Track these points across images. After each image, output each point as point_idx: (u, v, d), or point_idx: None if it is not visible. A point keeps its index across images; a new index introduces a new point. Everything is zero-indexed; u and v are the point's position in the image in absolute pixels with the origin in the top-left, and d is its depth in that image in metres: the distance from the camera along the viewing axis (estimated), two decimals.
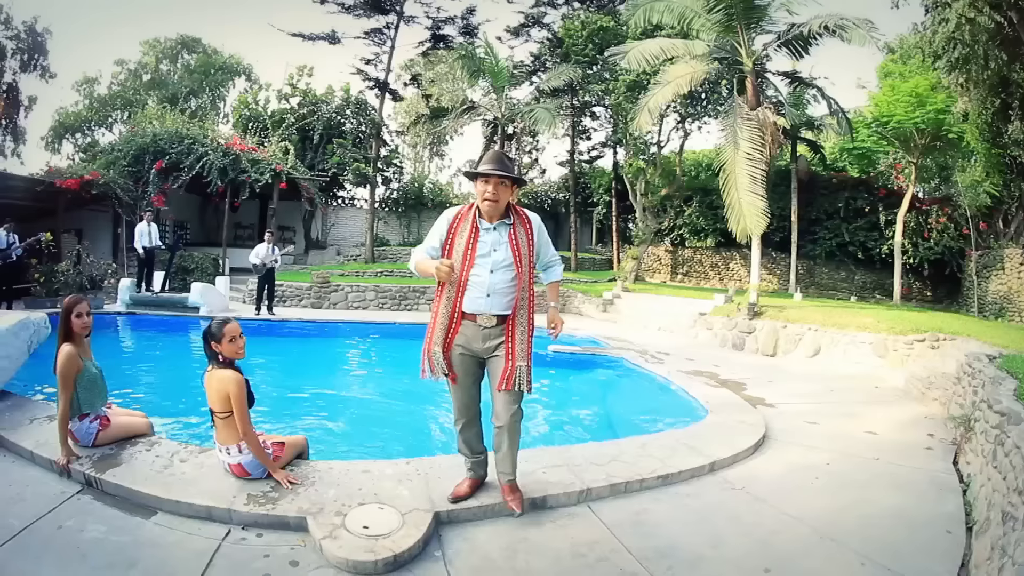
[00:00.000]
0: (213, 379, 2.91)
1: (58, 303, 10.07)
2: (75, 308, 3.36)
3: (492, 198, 2.73)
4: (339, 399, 6.63)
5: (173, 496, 2.87)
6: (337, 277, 14.33)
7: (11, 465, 3.35)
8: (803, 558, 2.64)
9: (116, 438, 3.45)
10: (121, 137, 15.89)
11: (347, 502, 2.81)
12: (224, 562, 2.44)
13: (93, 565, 2.37)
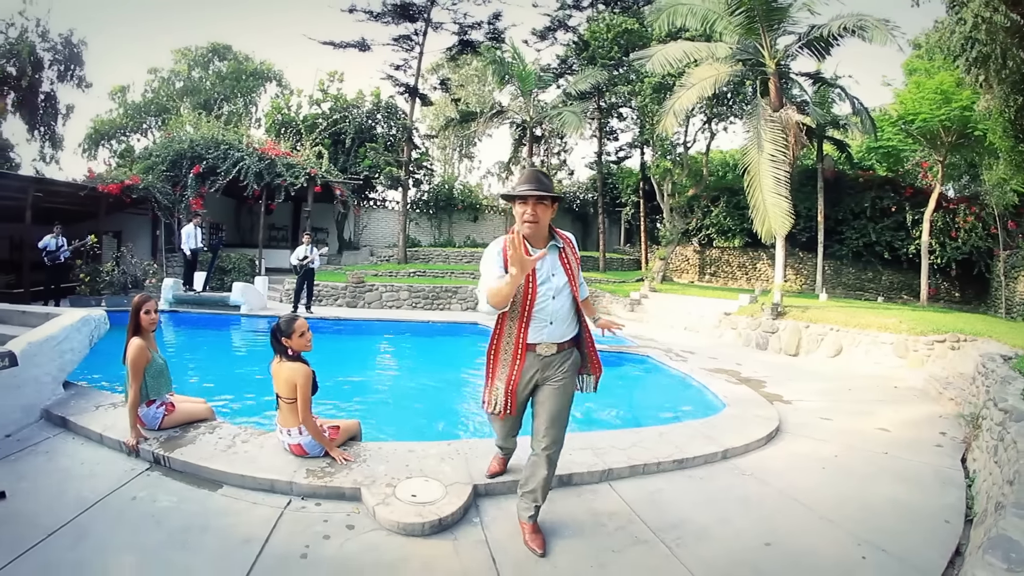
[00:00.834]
0: (283, 369, 3.33)
1: (102, 301, 10.86)
2: (144, 305, 3.81)
3: (532, 219, 2.58)
4: (381, 389, 7.19)
5: (238, 471, 3.28)
6: (371, 277, 14.83)
7: (81, 446, 3.81)
8: (801, 536, 2.90)
9: (180, 422, 3.88)
10: (158, 143, 16.46)
11: (396, 476, 3.21)
12: (288, 526, 2.84)
13: (168, 530, 2.77)
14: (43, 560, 2.46)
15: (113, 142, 28.90)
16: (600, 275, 19.10)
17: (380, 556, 2.60)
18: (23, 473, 3.34)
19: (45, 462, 3.53)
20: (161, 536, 2.72)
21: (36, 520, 2.78)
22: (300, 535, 2.77)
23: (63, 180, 14.12)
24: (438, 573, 2.45)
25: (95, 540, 2.65)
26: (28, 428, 4.08)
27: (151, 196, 14.39)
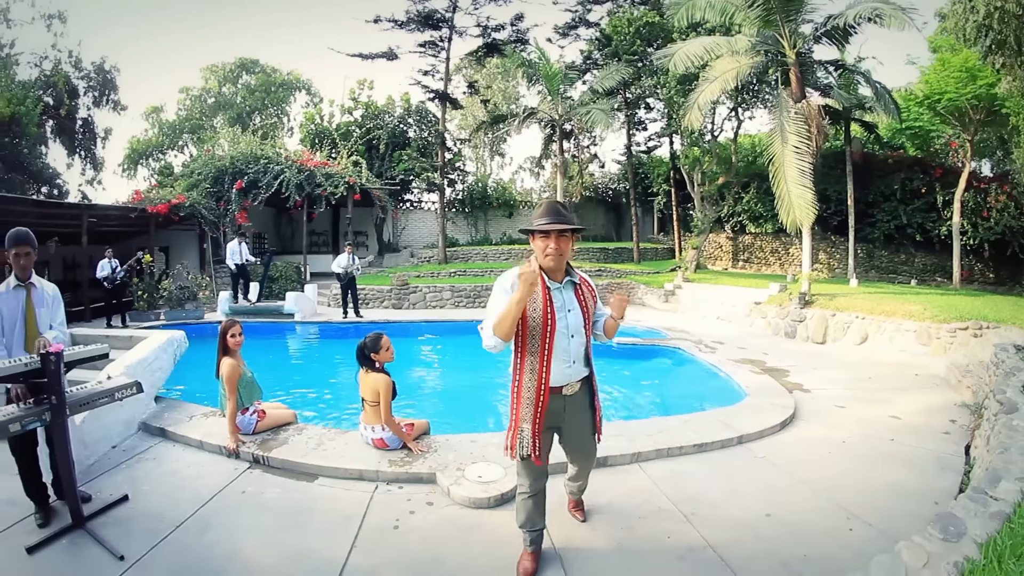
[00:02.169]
0: (368, 379, 4.08)
1: (161, 315, 11.81)
2: (230, 330, 4.56)
3: (556, 252, 2.53)
4: (436, 387, 8.03)
5: (331, 464, 4.03)
6: (414, 279, 15.64)
7: (183, 452, 4.49)
8: (799, 510, 3.44)
9: (270, 426, 4.62)
10: (200, 160, 17.42)
11: (463, 461, 3.94)
12: (379, 505, 3.58)
13: (280, 514, 3.49)
14: (179, 546, 3.15)
15: (151, 160, 30.40)
16: (635, 266, 19.49)
17: (456, 524, 3.33)
18: (137, 478, 4.03)
19: (154, 467, 4.25)
20: (275, 519, 3.43)
21: (162, 516, 3.45)
22: (390, 511, 3.50)
23: (115, 204, 15.09)
24: (501, 535, 3.13)
25: (219, 527, 3.33)
26: (130, 439, 4.77)
27: (197, 212, 15.29)
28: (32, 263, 3.48)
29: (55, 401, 3.06)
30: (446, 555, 3.02)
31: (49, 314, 3.55)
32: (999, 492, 2.64)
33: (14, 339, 3.39)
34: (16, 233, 3.40)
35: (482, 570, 2.87)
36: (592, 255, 21.14)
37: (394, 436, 4.16)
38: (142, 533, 3.26)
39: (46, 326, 3.51)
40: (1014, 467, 2.87)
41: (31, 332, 3.43)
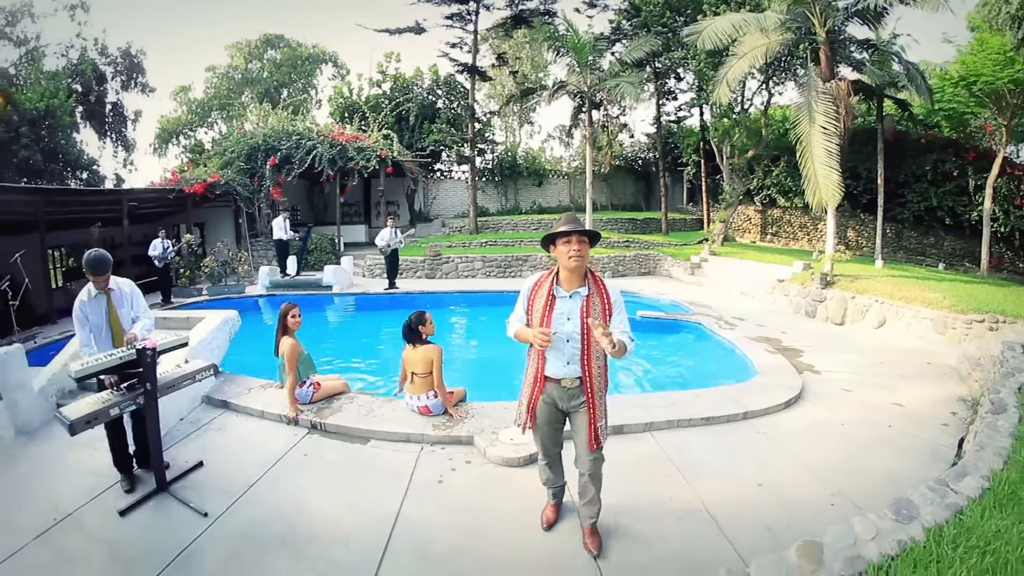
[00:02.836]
0: (418, 352, 4.65)
1: (203, 290, 12.31)
2: (290, 312, 5.11)
3: (578, 255, 2.76)
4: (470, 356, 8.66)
5: (382, 428, 4.66)
6: (446, 249, 16.12)
7: (245, 421, 5.06)
8: (789, 483, 3.85)
9: (325, 396, 5.23)
10: (233, 138, 17.82)
11: (497, 426, 4.53)
12: (424, 463, 4.20)
13: (339, 472, 4.11)
14: (253, 502, 3.74)
15: (180, 138, 31.01)
16: (663, 237, 19.60)
17: (491, 480, 3.94)
18: (208, 446, 4.56)
19: (221, 436, 4.80)
20: (336, 476, 4.06)
21: (235, 478, 4.04)
22: (434, 469, 4.12)
23: (153, 187, 15.48)
24: (529, 489, 3.69)
25: (287, 484, 3.95)
26: (195, 411, 5.26)
27: (232, 190, 15.79)
28: (108, 279, 3.98)
29: (149, 388, 3.67)
30: (483, 505, 3.63)
31: (131, 311, 4.10)
32: (961, 486, 2.94)
33: (103, 340, 3.96)
34: (95, 260, 3.90)
35: (512, 518, 3.46)
36: (621, 225, 21.28)
37: (437, 403, 4.76)
38: (219, 493, 3.84)
39: (128, 322, 4.05)
40: (983, 465, 3.16)
41: (116, 330, 4.00)
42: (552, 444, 3.18)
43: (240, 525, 3.50)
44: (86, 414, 3.35)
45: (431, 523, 3.44)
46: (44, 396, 5.30)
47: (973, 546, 2.38)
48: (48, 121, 18.31)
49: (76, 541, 3.42)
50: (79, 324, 3.94)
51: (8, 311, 8.40)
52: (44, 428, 5.09)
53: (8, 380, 4.93)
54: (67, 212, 12.26)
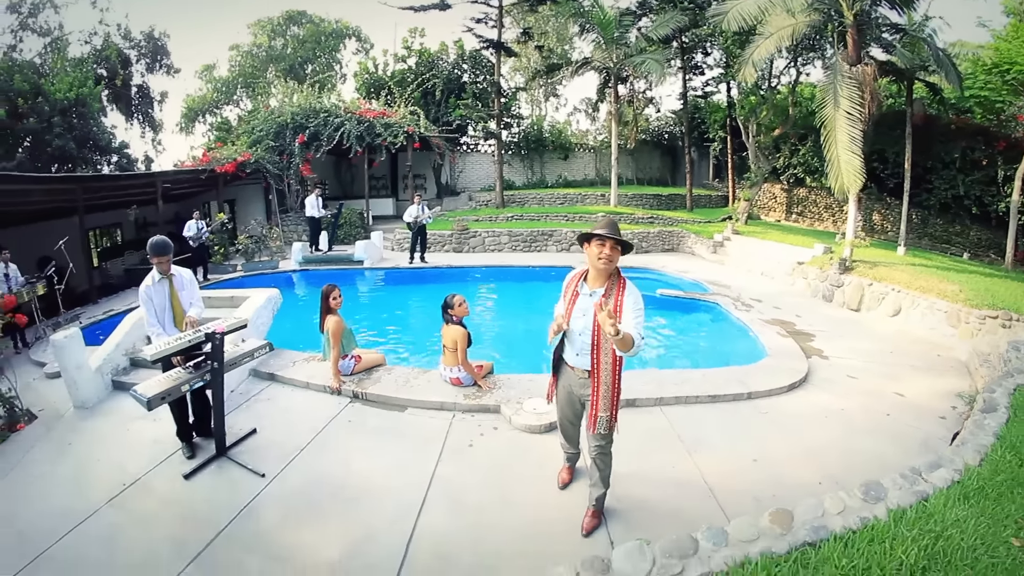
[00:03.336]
0: (449, 331, 5.13)
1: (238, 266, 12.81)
2: (331, 292, 5.57)
3: (607, 259, 2.97)
4: (497, 331, 9.10)
5: (418, 397, 5.17)
6: (473, 223, 16.46)
7: (292, 392, 5.60)
8: (783, 460, 4.21)
9: (365, 368, 5.76)
10: (261, 116, 18.23)
11: (522, 396, 5.02)
12: (456, 429, 4.71)
13: (380, 436, 4.65)
14: (306, 463, 4.29)
15: (207, 116, 31.54)
16: (687, 214, 19.61)
17: (516, 444, 4.45)
18: (258, 414, 5.07)
19: (270, 405, 5.37)
20: (377, 440, 4.61)
21: (286, 442, 4.59)
22: (465, 434, 4.64)
23: (186, 168, 15.93)
24: (548, 453, 4.17)
25: (334, 447, 4.50)
26: (243, 383, 5.73)
27: (262, 168, 16.29)
28: (170, 263, 4.50)
29: (216, 366, 4.20)
30: (508, 466, 4.15)
31: (188, 295, 4.64)
32: (932, 476, 3.21)
33: (166, 320, 4.51)
34: (159, 244, 4.41)
35: (532, 478, 3.97)
36: (646, 201, 21.32)
37: (468, 375, 5.27)
38: (273, 457, 4.39)
39: (187, 304, 4.61)
40: (958, 460, 3.40)
41: (178, 312, 4.55)
42: (568, 421, 3.56)
43: (295, 484, 4.05)
44: (161, 391, 3.86)
45: (462, 481, 3.97)
46: (100, 374, 5.86)
47: (929, 530, 2.67)
48: (79, 109, 18.94)
49: (147, 503, 3.95)
50: (145, 306, 4.47)
51: (54, 294, 9.11)
52: (100, 404, 5.68)
53: (68, 361, 5.47)
54: (104, 197, 12.93)
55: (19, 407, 5.41)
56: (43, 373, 6.65)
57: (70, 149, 18.26)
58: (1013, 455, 3.50)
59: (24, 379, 5.77)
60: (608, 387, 3.08)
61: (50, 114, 17.72)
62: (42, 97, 17.66)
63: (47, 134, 17.60)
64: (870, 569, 2.37)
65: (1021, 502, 3.02)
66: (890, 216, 15.62)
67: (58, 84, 18.39)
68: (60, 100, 17.99)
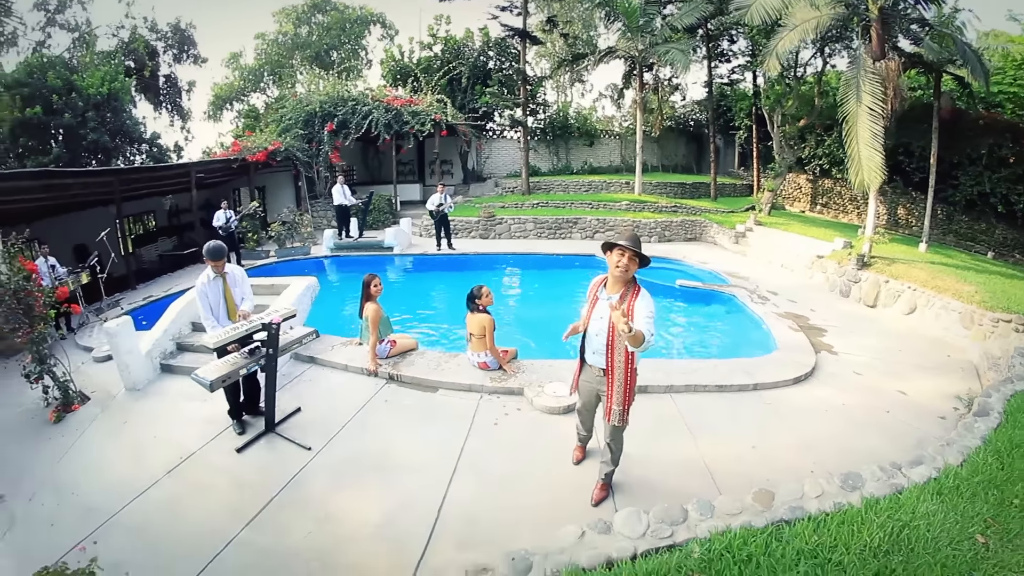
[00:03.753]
0: (476, 318, 5.59)
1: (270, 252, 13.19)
2: (372, 281, 6.05)
3: (623, 267, 3.23)
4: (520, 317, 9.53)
5: (449, 379, 5.67)
6: (499, 210, 16.78)
7: (331, 374, 6.14)
8: (780, 449, 4.55)
9: (399, 352, 6.26)
10: (289, 105, 18.38)
11: (543, 380, 5.49)
12: (483, 409, 5.20)
13: (415, 414, 5.16)
14: (348, 437, 4.81)
15: (234, 103, 32.08)
16: (711, 203, 19.57)
17: (536, 423, 4.94)
18: (301, 395, 5.60)
19: (312, 386, 5.90)
20: (412, 417, 5.13)
21: (329, 420, 5.11)
22: (491, 413, 5.14)
23: (218, 158, 16.37)
24: (564, 433, 4.61)
25: (374, 425, 5.02)
26: (285, 366, 6.05)
27: (292, 155, 16.78)
28: (224, 265, 5.00)
29: (271, 352, 4.73)
30: (528, 443, 4.64)
31: (240, 291, 5.16)
32: (911, 472, 3.48)
33: (221, 313, 5.04)
34: (215, 250, 4.93)
35: (550, 454, 4.45)
36: (670, 190, 21.31)
37: (494, 360, 5.74)
38: (318, 432, 4.91)
39: (239, 299, 5.13)
40: (940, 459, 3.65)
41: (231, 306, 5.08)
42: (586, 409, 4.02)
43: (338, 457, 4.58)
44: (221, 375, 4.39)
45: (488, 455, 4.48)
46: (150, 358, 6.44)
47: (898, 519, 2.97)
48: (112, 103, 19.64)
49: (203, 474, 4.48)
50: (201, 301, 5.01)
51: (97, 282, 9.80)
52: (150, 385, 6.25)
53: (120, 346, 6.03)
54: (139, 187, 13.57)
55: (73, 389, 5.92)
56: (91, 357, 7.20)
57: (104, 142, 19.01)
58: (995, 458, 3.69)
59: (73, 363, 6.25)
60: (621, 383, 3.42)
61: (84, 109, 18.43)
62: (75, 93, 18.36)
63: (82, 128, 18.32)
64: (836, 547, 2.75)
65: (994, 502, 3.24)
66: (915, 211, 15.47)
67: (90, 79, 19.07)
68: (93, 95, 18.70)
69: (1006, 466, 3.63)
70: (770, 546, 2.73)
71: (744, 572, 2.55)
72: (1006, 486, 3.41)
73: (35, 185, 9.92)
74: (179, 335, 7.08)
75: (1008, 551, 2.86)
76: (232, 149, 16.47)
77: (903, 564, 2.69)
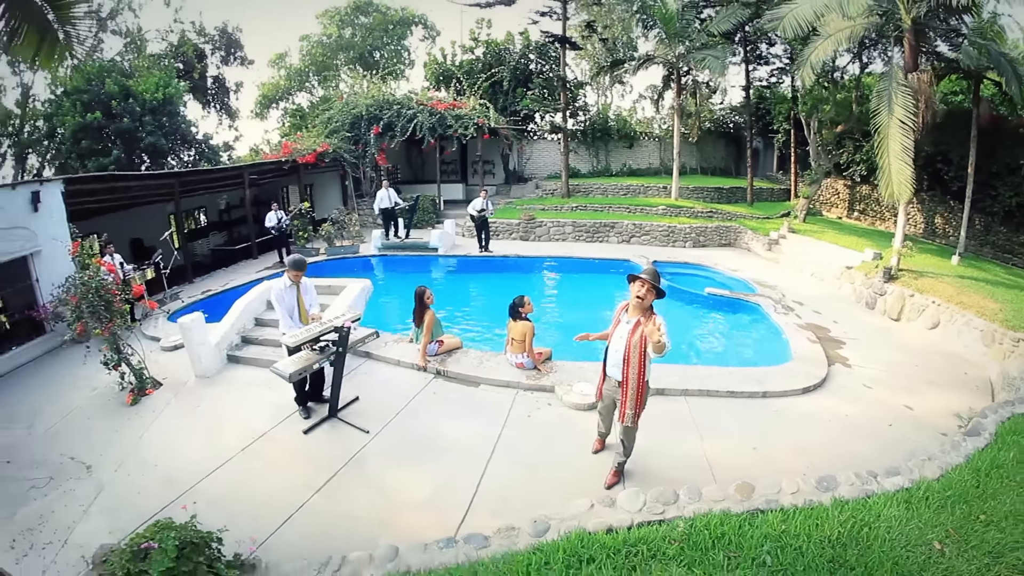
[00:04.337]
0: (518, 325, 6.34)
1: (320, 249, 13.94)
2: (425, 293, 6.80)
3: (641, 296, 3.91)
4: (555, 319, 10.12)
5: (490, 376, 6.43)
6: (539, 212, 17.37)
7: (385, 368, 7.01)
8: (778, 451, 5.08)
9: (446, 350, 7.04)
10: (336, 107, 19.30)
11: (572, 380, 6.20)
12: (519, 404, 5.95)
13: (459, 406, 5.93)
14: (401, 423, 5.63)
15: (280, 102, 33.36)
16: (747, 209, 19.47)
17: (564, 417, 5.67)
18: (359, 385, 6.48)
19: (368, 378, 6.73)
20: (457, 408, 5.91)
21: (385, 408, 5.92)
22: (525, 408, 5.88)
23: (269, 160, 17.10)
24: (588, 427, 5.28)
25: (423, 413, 5.82)
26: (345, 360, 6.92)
27: (340, 157, 17.76)
28: (302, 276, 5.81)
29: (341, 350, 5.55)
30: (557, 433, 5.38)
31: (310, 298, 6.02)
32: (886, 482, 3.86)
33: (295, 316, 5.89)
34: (298, 262, 5.79)
35: (574, 444, 5.17)
36: (707, 194, 21.20)
37: (530, 360, 6.49)
38: (374, 419, 5.72)
39: (309, 305, 5.99)
40: (916, 472, 3.99)
41: (302, 310, 5.94)
42: (604, 411, 4.74)
43: (393, 439, 5.41)
44: (297, 368, 5.25)
45: (521, 443, 5.23)
46: (219, 349, 7.35)
47: (861, 519, 3.39)
48: (167, 107, 21.13)
49: (274, 452, 5.32)
50: (279, 305, 5.89)
51: (160, 277, 10.91)
52: (218, 374, 7.14)
53: (193, 338, 6.95)
54: (198, 187, 14.73)
55: (147, 375, 6.80)
56: (159, 347, 8.07)
57: (161, 144, 20.53)
58: (972, 476, 3.93)
59: (141, 352, 7.01)
60: (634, 392, 4.10)
61: (140, 113, 19.91)
62: (132, 98, 19.80)
63: (140, 131, 19.83)
64: (799, 535, 3.30)
65: (960, 516, 3.48)
66: (952, 220, 15.22)
67: (145, 84, 20.54)
68: (149, 101, 20.16)
69: (981, 484, 3.87)
70: (742, 528, 3.34)
71: (717, 546, 3.19)
72: (975, 502, 3.66)
73: (101, 188, 11.05)
74: (244, 329, 8.03)
75: (962, 560, 3.14)
76: (282, 151, 17.51)
77: (857, 556, 3.15)
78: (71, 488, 4.96)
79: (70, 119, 19.28)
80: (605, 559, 3.12)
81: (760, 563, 3.05)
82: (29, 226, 8.64)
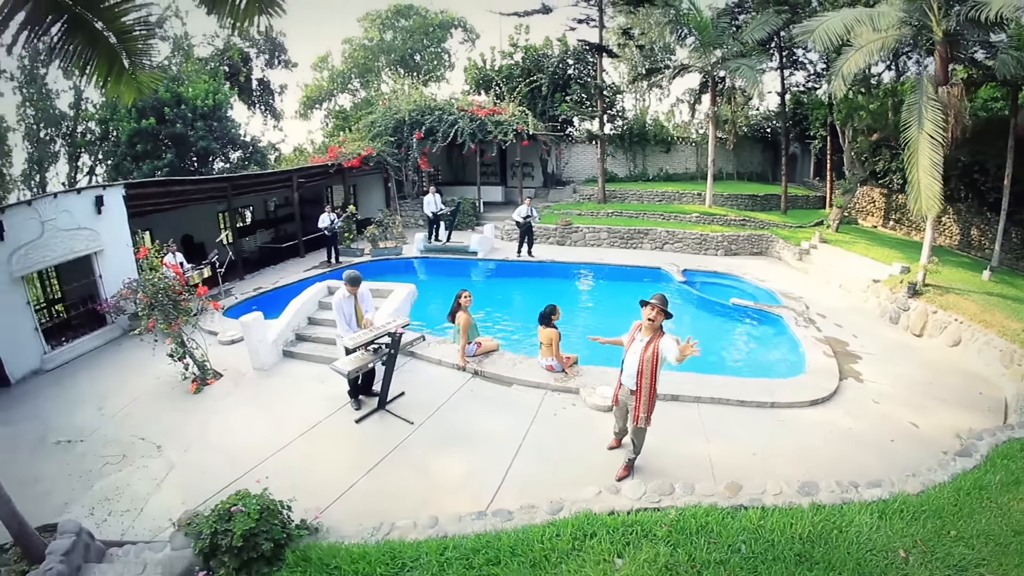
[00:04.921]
0: (546, 332, 7.02)
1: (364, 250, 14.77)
2: (462, 294, 7.48)
3: (651, 319, 4.58)
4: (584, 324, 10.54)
5: (522, 377, 7.13)
6: (576, 218, 17.85)
7: (428, 367, 7.75)
8: (777, 457, 5.52)
9: (483, 352, 7.75)
10: (379, 112, 19.98)
11: (596, 383, 6.84)
12: (546, 403, 6.64)
13: (493, 403, 6.67)
14: (441, 417, 6.35)
15: (323, 103, 34.53)
16: (780, 217, 19.43)
17: (586, 417, 6.34)
18: (404, 382, 7.19)
19: (412, 376, 7.46)
20: (491, 405, 6.63)
21: (428, 403, 6.66)
22: (552, 407, 6.57)
23: (316, 164, 17.85)
24: (607, 426, 5.90)
25: (462, 409, 6.55)
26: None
27: (383, 160, 18.54)
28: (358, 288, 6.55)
29: (394, 352, 6.33)
30: (579, 431, 6.05)
31: (366, 305, 6.77)
32: (865, 492, 4.17)
33: (352, 322, 6.64)
34: (354, 278, 6.56)
35: (593, 441, 5.82)
36: (741, 202, 20.97)
37: (558, 364, 7.16)
38: (418, 412, 6.46)
39: (365, 311, 6.73)
40: (898, 485, 4.22)
41: (360, 316, 6.69)
42: (619, 413, 5.37)
43: (435, 430, 6.16)
44: (355, 367, 6.04)
45: (547, 437, 5.94)
46: (275, 345, 8.13)
47: (832, 522, 3.78)
48: (217, 112, 22.39)
49: (328, 438, 6.09)
50: (338, 312, 6.66)
51: (216, 276, 11.91)
52: (274, 367, 7.90)
53: (252, 335, 7.75)
54: (249, 189, 15.78)
55: (209, 367, 7.58)
56: (217, 341, 8.80)
57: (212, 148, 21.85)
58: (952, 495, 4.10)
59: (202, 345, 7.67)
60: (646, 399, 4.74)
61: (192, 119, 21.18)
62: (183, 104, 21.05)
63: (191, 136, 21.12)
64: (774, 531, 3.83)
65: (931, 529, 3.67)
66: (988, 232, 14.96)
67: (195, 91, 21.73)
68: (200, 107, 21.43)
69: (959, 503, 4.04)
70: (725, 520, 3.94)
71: (700, 532, 3.81)
72: (949, 519, 3.85)
73: (160, 191, 12.04)
74: (298, 327, 8.88)
75: (924, 570, 3.35)
76: (328, 154, 18.39)
77: (822, 553, 3.57)
78: (144, 464, 5.73)
79: (125, 124, 20.47)
80: (605, 534, 3.81)
81: (735, 550, 3.64)
82: (94, 227, 9.61)
